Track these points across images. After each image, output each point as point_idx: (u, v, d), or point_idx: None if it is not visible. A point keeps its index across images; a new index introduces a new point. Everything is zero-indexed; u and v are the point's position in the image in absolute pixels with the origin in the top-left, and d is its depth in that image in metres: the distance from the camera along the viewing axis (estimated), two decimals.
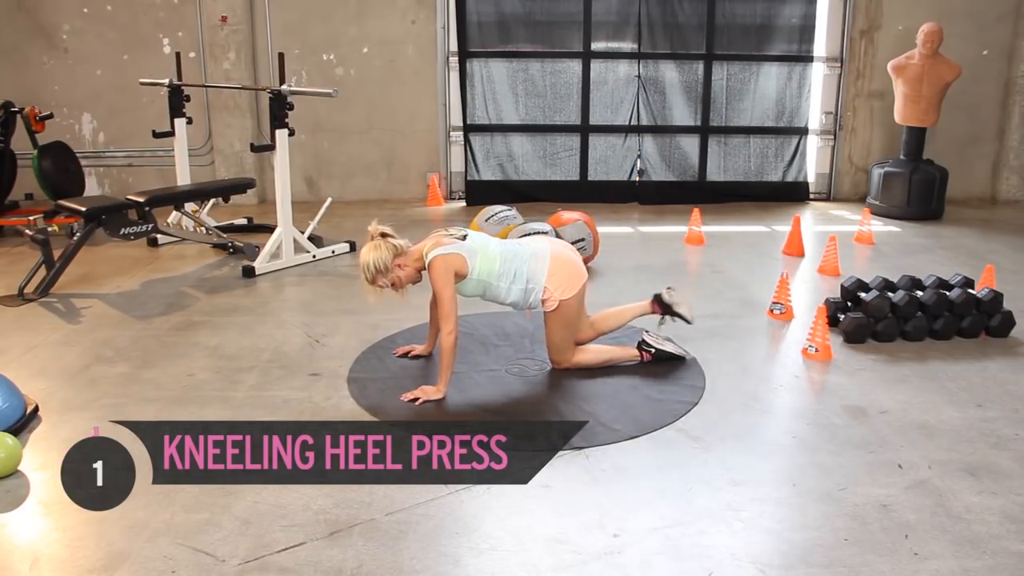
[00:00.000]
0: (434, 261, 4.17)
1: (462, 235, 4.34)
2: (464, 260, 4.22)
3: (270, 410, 4.10)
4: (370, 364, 4.65)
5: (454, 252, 4.20)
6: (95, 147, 8.89)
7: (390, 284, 4.20)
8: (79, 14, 8.59)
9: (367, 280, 4.22)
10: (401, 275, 4.23)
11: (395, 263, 4.21)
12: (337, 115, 8.68)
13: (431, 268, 4.18)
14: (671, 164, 9.10)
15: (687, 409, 4.11)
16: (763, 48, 8.94)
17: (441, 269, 4.15)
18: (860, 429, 3.94)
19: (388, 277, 4.19)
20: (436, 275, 4.15)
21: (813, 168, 9.31)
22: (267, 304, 5.78)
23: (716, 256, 6.93)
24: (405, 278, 4.25)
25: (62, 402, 4.19)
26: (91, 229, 6.10)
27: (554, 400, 4.23)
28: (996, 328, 5.11)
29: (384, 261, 4.18)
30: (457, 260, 4.19)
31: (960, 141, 9.07)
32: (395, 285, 4.23)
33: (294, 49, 8.50)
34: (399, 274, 4.22)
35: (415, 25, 8.71)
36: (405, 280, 4.25)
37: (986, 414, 4.10)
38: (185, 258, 6.86)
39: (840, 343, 4.97)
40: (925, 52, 8.06)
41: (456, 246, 4.23)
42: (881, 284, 5.34)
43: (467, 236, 4.34)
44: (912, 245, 7.37)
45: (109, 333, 5.16)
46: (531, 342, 4.90)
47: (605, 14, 8.82)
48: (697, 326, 5.21)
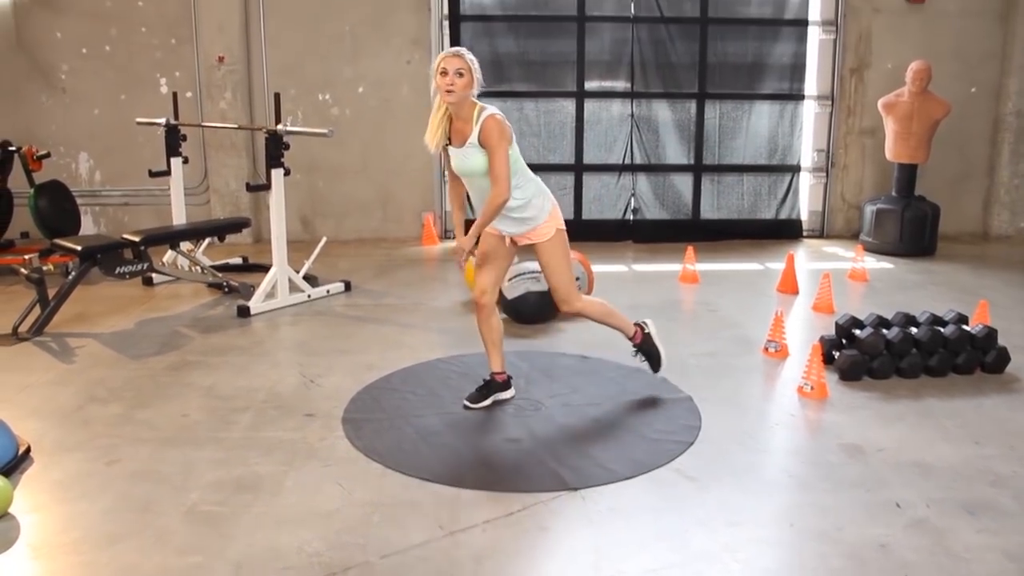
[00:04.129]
0: (494, 117, 4.13)
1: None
2: (512, 137, 4.22)
3: (264, 451, 4.07)
4: (365, 404, 4.63)
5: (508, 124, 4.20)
6: (91, 186, 8.93)
7: (458, 74, 4.06)
8: (78, 54, 8.67)
9: (455, 53, 4.11)
10: (463, 83, 4.08)
11: (471, 75, 4.11)
12: (332, 155, 8.73)
13: (489, 123, 4.11)
14: (665, 202, 9.15)
15: (683, 449, 4.10)
16: (755, 87, 9.03)
17: (498, 127, 4.11)
18: (857, 467, 3.92)
19: (466, 74, 4.07)
20: (495, 131, 4.10)
21: (806, 205, 9.37)
22: (262, 344, 5.76)
23: (710, 294, 6.94)
24: (463, 86, 4.09)
25: (54, 443, 4.16)
26: (86, 268, 6.10)
27: (550, 439, 4.21)
28: (991, 364, 5.12)
29: (473, 62, 4.12)
30: (509, 130, 4.19)
31: (951, 177, 9.15)
32: (452, 85, 4.07)
33: (290, 89, 8.57)
34: (468, 79, 4.09)
35: (410, 65, 8.79)
36: (462, 87, 4.08)
37: (983, 451, 4.09)
38: (180, 297, 6.86)
39: (835, 381, 4.97)
40: (914, 90, 8.15)
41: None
42: (875, 321, 5.35)
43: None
44: (906, 281, 7.40)
45: (103, 373, 5.14)
46: (526, 382, 4.88)
47: (598, 54, 8.92)
48: (692, 364, 5.23)
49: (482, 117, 4.14)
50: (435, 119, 4.23)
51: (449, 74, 4.07)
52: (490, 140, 4.11)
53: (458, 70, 4.07)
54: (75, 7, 8.57)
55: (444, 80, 4.08)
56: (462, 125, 4.21)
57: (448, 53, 4.14)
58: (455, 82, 4.07)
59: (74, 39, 8.65)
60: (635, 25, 8.79)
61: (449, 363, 5.26)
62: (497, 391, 4.62)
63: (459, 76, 4.08)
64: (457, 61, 4.09)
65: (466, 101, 4.16)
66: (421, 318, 6.29)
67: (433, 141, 4.27)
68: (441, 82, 4.09)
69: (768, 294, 6.96)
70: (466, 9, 8.65)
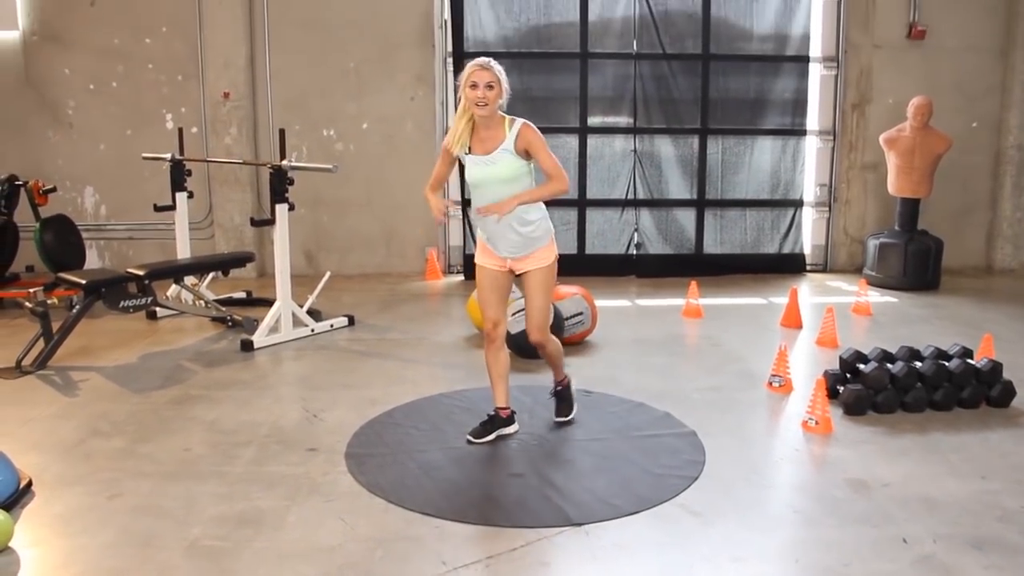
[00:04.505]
0: (528, 124, 4.29)
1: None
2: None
3: (267, 486, 4.06)
4: (368, 439, 4.62)
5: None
6: (96, 220, 8.98)
7: (488, 87, 4.15)
8: (85, 90, 8.76)
9: (484, 66, 4.19)
10: (494, 95, 4.19)
11: (500, 87, 4.20)
12: (337, 190, 8.77)
13: (526, 129, 4.26)
14: (668, 237, 9.17)
15: (687, 484, 4.08)
16: (757, 122, 9.08)
17: (536, 131, 4.28)
18: (862, 503, 3.90)
19: (496, 86, 4.18)
20: (535, 134, 4.27)
21: (809, 240, 9.39)
22: (265, 378, 5.76)
23: (714, 329, 6.94)
24: (494, 97, 4.19)
25: (56, 477, 4.14)
26: (90, 302, 6.11)
27: (553, 474, 4.19)
28: (997, 398, 5.10)
29: (501, 73, 4.21)
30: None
31: (954, 211, 9.17)
32: (485, 98, 4.16)
33: (295, 125, 8.64)
34: (498, 91, 4.19)
35: (414, 102, 8.87)
36: (494, 99, 4.19)
37: (990, 486, 4.06)
38: (184, 331, 6.87)
39: (840, 415, 4.95)
40: (916, 125, 8.20)
41: None
42: (880, 355, 5.33)
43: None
44: (910, 315, 7.39)
45: (106, 406, 5.13)
46: (529, 416, 4.87)
47: (601, 90, 8.99)
48: (696, 399, 5.21)
49: (516, 125, 4.26)
50: (459, 124, 4.29)
51: (479, 87, 4.16)
52: (535, 142, 4.25)
53: (488, 83, 4.16)
54: (84, 44, 8.67)
55: (475, 93, 4.16)
56: (490, 134, 4.29)
57: (477, 65, 4.20)
58: (486, 95, 4.16)
59: (82, 75, 8.74)
60: (637, 61, 8.86)
61: (452, 398, 5.24)
62: (501, 426, 4.61)
63: (489, 88, 4.16)
64: (487, 74, 4.17)
65: (494, 112, 4.25)
66: (424, 353, 6.28)
67: (456, 145, 4.32)
68: (471, 95, 4.17)
69: (772, 328, 6.95)
70: (470, 46, 8.73)
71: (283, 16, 8.68)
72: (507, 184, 4.27)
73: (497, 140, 4.26)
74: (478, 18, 8.72)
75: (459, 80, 4.27)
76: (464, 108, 4.25)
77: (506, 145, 4.25)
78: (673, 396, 5.26)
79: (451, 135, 4.33)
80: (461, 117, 4.27)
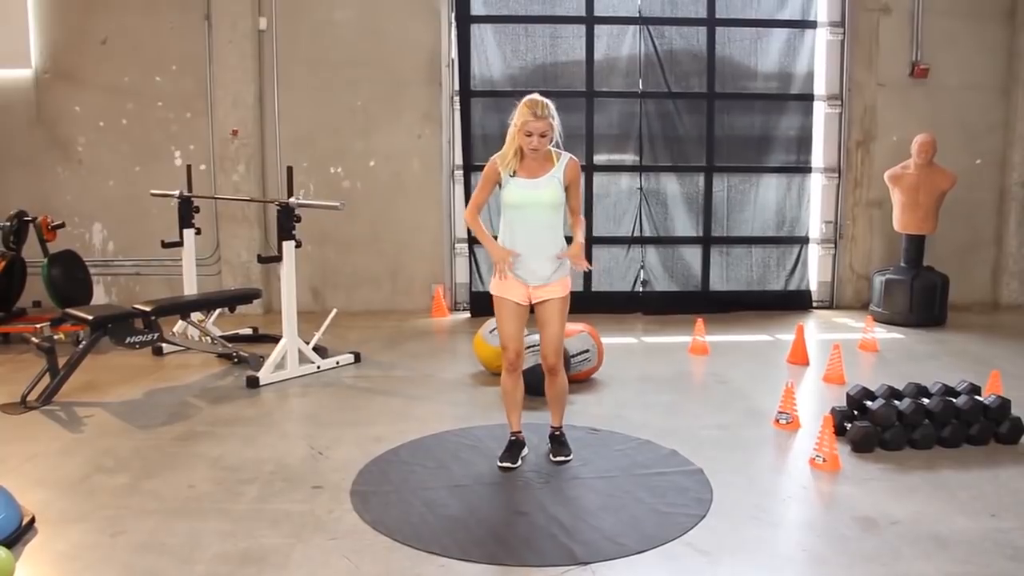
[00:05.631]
0: (576, 161, 4.57)
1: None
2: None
3: (271, 523, 4.03)
4: (373, 477, 4.59)
5: None
6: (104, 256, 9.02)
7: (541, 135, 4.33)
8: (95, 127, 8.85)
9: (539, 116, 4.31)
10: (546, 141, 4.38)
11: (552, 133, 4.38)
12: (343, 227, 8.81)
13: (573, 163, 4.53)
14: (674, 274, 9.18)
15: (695, 522, 4.04)
16: (762, 159, 9.12)
17: (579, 168, 4.59)
18: (872, 541, 3.86)
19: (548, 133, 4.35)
20: (579, 170, 4.57)
21: (815, 276, 9.38)
22: (270, 415, 5.75)
23: (720, 366, 6.92)
24: (546, 143, 4.39)
25: (59, 513, 4.12)
26: (96, 337, 6.12)
27: (559, 513, 4.16)
28: (1005, 435, 5.06)
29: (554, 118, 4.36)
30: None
31: (959, 247, 9.17)
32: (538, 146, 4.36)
33: (302, 162, 8.70)
34: (549, 137, 4.37)
35: (420, 139, 8.93)
36: (545, 144, 4.39)
37: (1000, 524, 4.02)
38: (189, 367, 6.87)
39: (848, 452, 4.91)
40: (920, 162, 8.23)
41: None
42: (887, 392, 5.31)
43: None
44: (916, 352, 7.36)
45: (110, 442, 5.12)
46: (535, 454, 4.85)
47: (607, 127, 9.05)
48: (703, 436, 5.19)
49: (565, 157, 4.52)
50: (509, 152, 4.46)
51: (534, 136, 4.34)
52: (577, 179, 4.55)
53: (542, 132, 4.34)
54: (94, 82, 8.77)
55: (529, 140, 4.34)
56: (539, 163, 4.48)
57: (532, 114, 4.33)
58: (540, 143, 4.36)
59: (92, 113, 8.83)
60: (643, 100, 8.92)
61: (458, 436, 5.22)
62: (521, 448, 4.77)
63: (542, 137, 4.35)
64: (541, 124, 4.33)
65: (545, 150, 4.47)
66: (430, 390, 6.27)
67: (504, 168, 4.48)
68: (525, 141, 4.35)
69: (778, 365, 6.93)
70: (476, 84, 8.81)
71: (292, 55, 8.78)
72: (549, 209, 4.50)
73: (545, 168, 4.49)
74: (485, 57, 8.81)
75: (512, 118, 4.42)
76: (513, 136, 4.41)
77: (555, 172, 4.47)
78: (680, 434, 5.23)
79: (501, 159, 4.49)
80: (510, 147, 4.46)
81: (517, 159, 4.46)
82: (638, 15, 8.82)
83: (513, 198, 4.49)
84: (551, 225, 4.53)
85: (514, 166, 4.46)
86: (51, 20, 8.72)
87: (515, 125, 4.38)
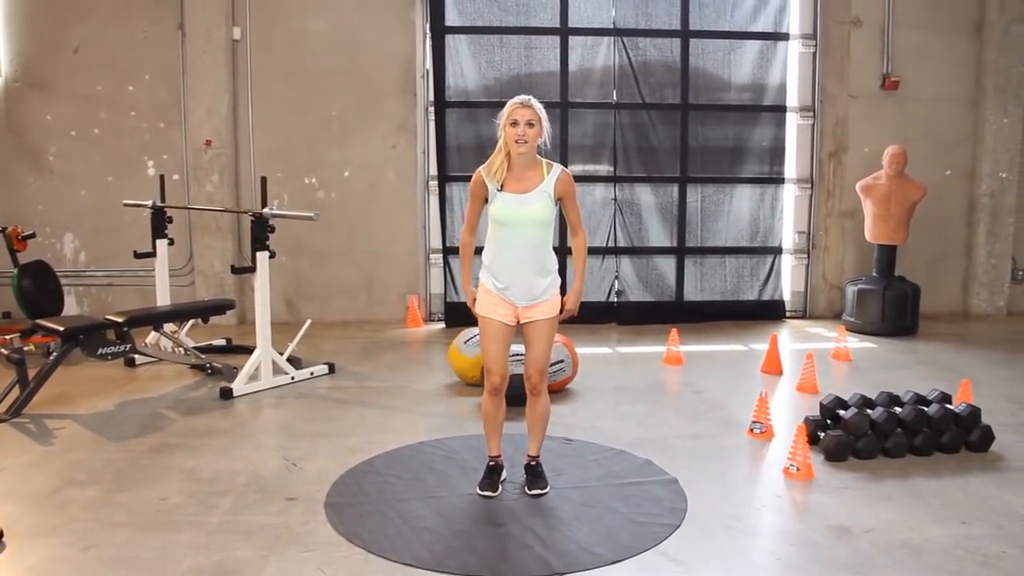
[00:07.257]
0: (568, 173, 4.38)
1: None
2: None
3: (245, 536, 4.00)
4: (348, 488, 4.57)
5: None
6: (76, 266, 8.93)
7: (529, 124, 4.17)
8: (67, 137, 8.77)
9: (524, 104, 4.21)
10: (534, 132, 4.21)
11: (540, 125, 4.23)
12: (318, 237, 8.78)
13: (566, 176, 4.35)
14: (648, 285, 9.22)
15: (669, 532, 4.05)
16: (736, 170, 9.19)
17: (573, 181, 4.40)
18: (845, 549, 3.89)
19: (536, 125, 4.20)
20: (572, 183, 4.39)
21: (788, 286, 9.46)
22: (244, 426, 5.70)
23: (695, 376, 6.95)
24: (534, 136, 4.21)
25: (29, 528, 4.07)
26: (68, 349, 6.06)
27: (535, 523, 4.16)
28: (976, 443, 5.12)
29: (541, 111, 4.23)
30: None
31: (930, 258, 9.28)
32: (525, 136, 4.18)
33: (277, 172, 8.66)
34: (537, 130, 4.22)
35: (395, 150, 8.92)
36: (533, 138, 4.21)
37: (971, 531, 4.06)
38: (162, 379, 6.80)
39: (821, 461, 4.95)
40: (891, 173, 8.33)
41: None
42: (860, 401, 5.36)
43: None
44: (888, 361, 7.43)
45: (81, 455, 5.06)
46: (510, 465, 4.83)
47: (581, 138, 9.08)
48: (677, 446, 5.21)
49: (556, 169, 4.33)
50: (497, 160, 4.31)
51: (520, 125, 4.19)
52: (571, 192, 4.38)
53: (528, 120, 4.19)
54: (66, 91, 8.70)
55: (515, 131, 4.19)
56: (528, 174, 4.30)
57: (517, 103, 4.23)
58: (527, 132, 4.19)
59: (64, 122, 8.76)
60: (617, 111, 8.97)
61: (433, 447, 5.21)
62: (501, 472, 4.61)
63: (529, 127, 4.19)
64: (527, 112, 4.19)
65: (533, 152, 4.28)
66: (405, 401, 6.25)
67: (492, 179, 4.30)
68: (511, 132, 4.20)
69: (752, 375, 6.97)
70: (451, 95, 8.82)
71: (266, 65, 8.75)
72: (539, 226, 4.31)
73: (534, 181, 4.29)
74: (459, 68, 8.82)
75: (498, 119, 4.29)
76: (501, 146, 4.28)
77: (544, 187, 4.28)
78: (655, 443, 5.25)
79: (486, 169, 4.33)
80: (498, 154, 4.30)
81: (505, 168, 4.28)
82: (612, 27, 8.87)
83: (501, 215, 4.28)
84: (541, 243, 4.32)
85: (501, 176, 4.28)
86: (22, 28, 8.65)
87: (501, 126, 4.23)
